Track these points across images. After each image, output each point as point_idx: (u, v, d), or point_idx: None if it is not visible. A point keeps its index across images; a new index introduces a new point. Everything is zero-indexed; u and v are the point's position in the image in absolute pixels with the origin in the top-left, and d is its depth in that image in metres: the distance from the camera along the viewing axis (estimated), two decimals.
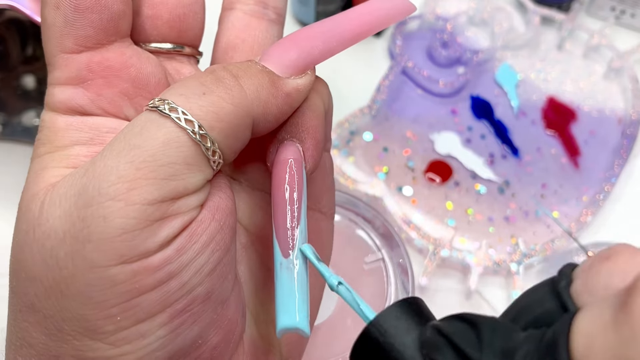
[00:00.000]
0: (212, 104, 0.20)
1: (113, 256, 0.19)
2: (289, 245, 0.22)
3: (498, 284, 0.46)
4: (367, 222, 0.35)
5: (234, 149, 0.22)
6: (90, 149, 0.22)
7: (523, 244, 0.47)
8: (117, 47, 0.23)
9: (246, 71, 0.22)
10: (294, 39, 0.24)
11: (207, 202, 0.21)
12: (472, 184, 0.49)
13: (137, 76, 0.23)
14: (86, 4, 0.22)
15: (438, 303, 0.46)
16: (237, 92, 0.21)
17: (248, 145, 0.23)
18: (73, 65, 0.22)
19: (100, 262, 0.19)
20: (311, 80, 0.25)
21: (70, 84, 0.23)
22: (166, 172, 0.20)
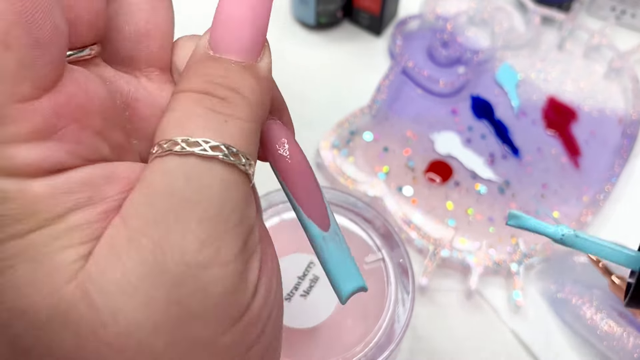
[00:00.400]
0: (234, 127, 0.19)
1: (223, 323, 0.18)
2: (327, 219, 0.22)
3: (498, 284, 0.46)
4: (367, 222, 0.35)
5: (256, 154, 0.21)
6: (96, 211, 0.18)
7: (523, 244, 0.47)
8: (68, 77, 0.18)
9: (239, 80, 0.20)
10: (233, 19, 0.21)
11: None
12: (472, 184, 0.49)
13: (101, 105, 0.19)
14: (47, 36, 0.17)
15: (438, 303, 0.46)
16: (246, 107, 0.20)
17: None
18: (36, 115, 0.17)
19: (211, 337, 0.18)
20: (270, 52, 0.22)
21: (37, 139, 0.17)
22: (236, 217, 0.18)
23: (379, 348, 0.31)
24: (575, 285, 0.44)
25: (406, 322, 0.31)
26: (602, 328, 0.42)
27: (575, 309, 0.43)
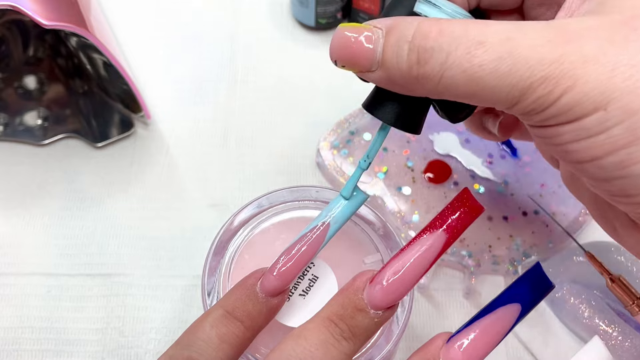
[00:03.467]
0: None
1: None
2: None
3: (497, 283, 0.47)
4: (366, 222, 0.36)
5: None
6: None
7: (522, 243, 0.47)
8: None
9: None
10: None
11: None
12: (471, 184, 0.50)
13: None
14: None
15: (437, 302, 0.46)
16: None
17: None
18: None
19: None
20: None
21: None
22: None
23: (377, 348, 0.31)
24: (574, 285, 0.44)
25: (404, 322, 0.32)
26: (599, 327, 0.42)
27: (573, 308, 0.43)
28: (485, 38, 0.22)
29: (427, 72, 0.23)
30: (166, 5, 0.62)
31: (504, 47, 0.22)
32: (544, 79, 0.21)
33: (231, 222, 0.35)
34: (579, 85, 0.21)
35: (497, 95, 0.23)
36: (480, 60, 0.22)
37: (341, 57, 0.25)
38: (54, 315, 0.45)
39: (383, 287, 0.26)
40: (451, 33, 0.23)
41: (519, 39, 0.22)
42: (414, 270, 0.27)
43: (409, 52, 0.23)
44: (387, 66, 0.24)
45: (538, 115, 0.23)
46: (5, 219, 0.50)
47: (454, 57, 0.22)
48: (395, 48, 0.24)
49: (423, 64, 0.23)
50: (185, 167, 0.52)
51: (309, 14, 0.58)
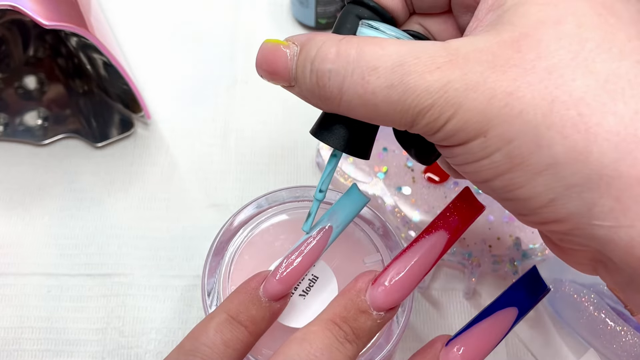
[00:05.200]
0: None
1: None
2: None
3: (497, 283, 0.47)
4: (366, 222, 0.36)
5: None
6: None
7: (522, 243, 0.47)
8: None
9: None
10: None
11: None
12: (471, 184, 0.49)
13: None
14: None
15: (437, 302, 0.46)
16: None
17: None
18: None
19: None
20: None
21: None
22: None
23: (377, 348, 0.31)
24: (573, 284, 0.44)
25: (404, 323, 0.32)
26: (600, 327, 0.42)
27: (573, 308, 0.43)
28: (378, 63, 0.23)
29: (327, 94, 0.24)
30: (166, 5, 0.62)
31: (396, 74, 0.22)
32: (431, 107, 0.22)
33: (231, 222, 0.35)
34: (460, 112, 0.22)
35: (392, 120, 0.24)
36: (373, 87, 0.23)
37: (263, 70, 0.26)
38: (54, 315, 0.45)
39: (386, 288, 0.26)
40: (347, 56, 0.23)
41: (410, 65, 0.22)
42: (416, 270, 0.27)
43: (310, 72, 0.24)
44: (298, 84, 0.25)
45: (431, 137, 0.24)
46: (5, 219, 0.50)
47: (350, 81, 0.23)
48: (302, 68, 0.25)
49: (322, 86, 0.24)
50: (185, 167, 0.52)
51: (309, 14, 0.58)
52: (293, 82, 0.25)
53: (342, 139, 0.27)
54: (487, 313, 0.28)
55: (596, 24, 0.22)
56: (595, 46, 0.21)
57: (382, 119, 0.24)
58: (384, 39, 0.24)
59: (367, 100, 0.23)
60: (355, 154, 0.27)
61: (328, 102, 0.24)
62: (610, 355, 0.42)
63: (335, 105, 0.24)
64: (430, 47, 0.23)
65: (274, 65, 0.26)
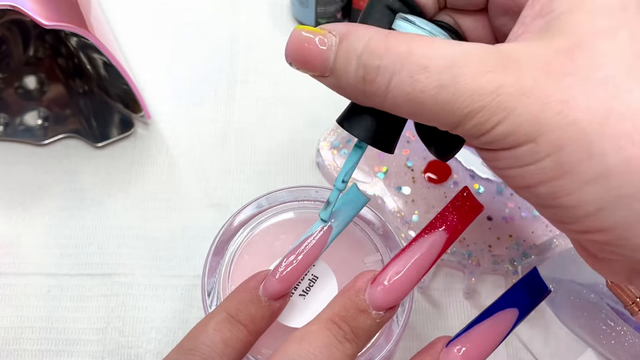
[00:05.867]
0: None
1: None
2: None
3: (497, 283, 0.47)
4: (366, 222, 0.36)
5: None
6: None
7: (521, 243, 0.47)
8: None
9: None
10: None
11: None
12: (470, 184, 0.50)
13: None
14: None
15: (437, 302, 0.46)
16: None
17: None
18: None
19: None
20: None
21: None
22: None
23: (377, 348, 0.31)
24: (573, 285, 0.44)
25: (404, 322, 0.32)
26: (599, 327, 0.42)
27: (573, 308, 0.43)
28: (429, 62, 0.23)
29: (372, 90, 0.24)
30: (166, 5, 0.62)
31: (447, 75, 0.22)
32: (481, 109, 0.22)
33: (231, 222, 0.35)
34: (511, 117, 0.22)
35: (438, 119, 0.23)
36: (423, 86, 0.23)
37: (296, 60, 0.26)
38: (54, 315, 0.45)
39: (385, 287, 0.27)
40: (397, 53, 0.23)
41: (461, 66, 0.22)
42: (415, 270, 0.27)
43: (357, 67, 0.24)
44: (337, 76, 0.25)
45: (476, 140, 0.24)
46: (6, 218, 0.50)
47: (398, 79, 0.23)
48: (345, 60, 0.24)
49: (369, 81, 0.24)
50: (185, 167, 0.52)
51: (309, 14, 0.58)
52: (328, 73, 0.25)
53: (369, 130, 0.26)
54: (488, 314, 0.28)
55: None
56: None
57: (427, 117, 0.24)
58: (432, 38, 0.24)
59: (415, 98, 0.23)
60: (381, 147, 0.27)
61: (372, 98, 0.24)
62: (610, 355, 0.42)
63: (379, 101, 0.24)
64: (480, 49, 0.23)
65: (309, 54, 0.25)
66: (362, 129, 0.26)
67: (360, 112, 0.26)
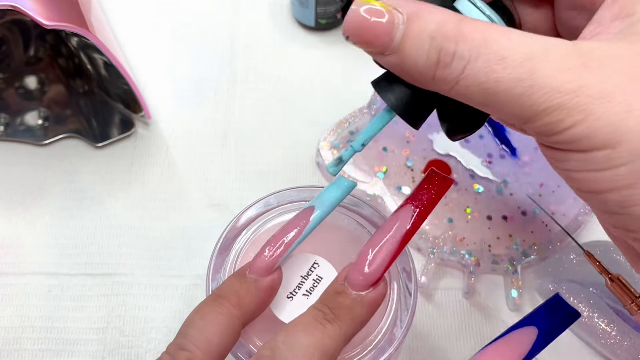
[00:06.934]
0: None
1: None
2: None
3: (496, 282, 0.47)
4: (367, 221, 0.36)
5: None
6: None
7: (521, 242, 0.47)
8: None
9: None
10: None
11: None
12: (470, 184, 0.50)
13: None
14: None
15: (437, 302, 0.46)
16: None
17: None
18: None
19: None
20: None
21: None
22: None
23: (379, 350, 0.31)
24: (572, 284, 0.44)
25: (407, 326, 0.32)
26: (598, 327, 0.42)
27: None
28: (507, 53, 0.22)
29: (444, 75, 0.23)
30: (166, 5, 0.62)
31: (525, 68, 0.22)
32: (558, 107, 0.22)
33: (237, 219, 0.35)
34: (590, 120, 0.21)
35: (509, 112, 0.23)
36: (498, 76, 0.22)
37: (355, 35, 0.24)
38: (54, 314, 0.45)
39: (357, 265, 0.28)
40: (473, 40, 0.22)
41: (540, 61, 0.22)
42: (386, 245, 0.28)
43: (430, 50, 0.23)
44: (404, 56, 0.24)
45: (547, 138, 0.23)
46: (6, 218, 0.50)
47: (473, 67, 0.22)
48: (417, 41, 0.23)
49: (442, 66, 0.23)
50: (185, 167, 0.52)
51: (309, 14, 0.58)
52: (390, 51, 0.24)
53: (402, 101, 0.26)
54: (505, 333, 0.29)
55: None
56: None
57: (497, 109, 0.23)
58: (509, 29, 0.23)
59: (488, 89, 0.22)
60: (409, 120, 0.26)
61: (440, 83, 0.23)
62: (610, 355, 0.42)
63: (448, 86, 0.23)
64: (560, 45, 0.22)
65: (372, 29, 0.23)
66: (395, 98, 0.26)
67: (398, 80, 0.26)
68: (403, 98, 0.26)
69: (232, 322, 0.27)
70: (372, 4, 0.24)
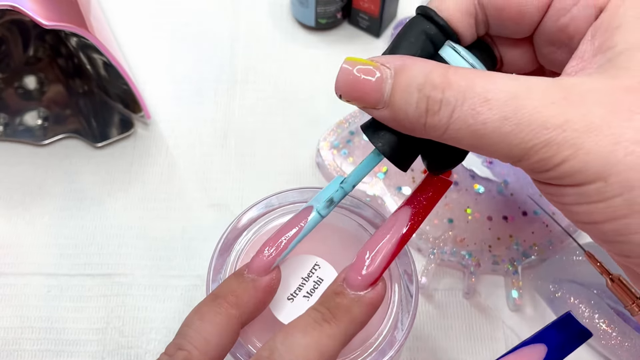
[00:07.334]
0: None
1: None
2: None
3: (497, 283, 0.47)
4: (367, 222, 0.36)
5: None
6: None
7: (522, 243, 0.47)
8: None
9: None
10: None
11: None
12: (471, 184, 0.50)
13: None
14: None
15: (437, 302, 0.46)
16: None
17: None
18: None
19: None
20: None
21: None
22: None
23: (380, 352, 0.31)
24: (573, 285, 0.44)
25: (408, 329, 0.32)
26: (599, 327, 0.42)
27: (573, 308, 0.43)
28: (490, 95, 0.23)
29: (434, 122, 0.24)
30: (166, 5, 0.62)
31: (509, 107, 0.22)
32: (546, 143, 0.22)
33: (238, 220, 0.35)
34: (580, 154, 0.22)
35: (500, 152, 0.23)
36: (485, 117, 0.23)
37: (347, 93, 0.25)
38: (54, 315, 0.45)
39: (355, 265, 0.28)
40: (458, 86, 0.23)
41: (523, 99, 0.22)
42: (384, 246, 0.28)
43: (419, 100, 0.24)
44: (394, 108, 0.25)
45: (541, 175, 0.23)
46: (6, 218, 0.50)
47: (460, 111, 0.23)
48: (405, 94, 0.24)
49: (432, 114, 0.24)
50: (185, 167, 0.52)
51: (309, 14, 0.58)
52: (382, 106, 0.25)
53: (391, 146, 0.27)
54: (515, 349, 0.29)
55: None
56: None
57: (488, 150, 0.24)
58: (492, 72, 0.24)
59: (476, 131, 0.23)
60: (398, 164, 0.27)
61: (431, 130, 0.24)
62: (610, 355, 0.42)
63: (439, 133, 0.24)
64: (541, 82, 0.23)
65: (362, 87, 0.25)
66: (385, 143, 0.27)
67: (385, 127, 0.26)
68: (392, 143, 0.27)
69: (231, 322, 0.27)
70: (362, 63, 0.25)
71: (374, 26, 0.59)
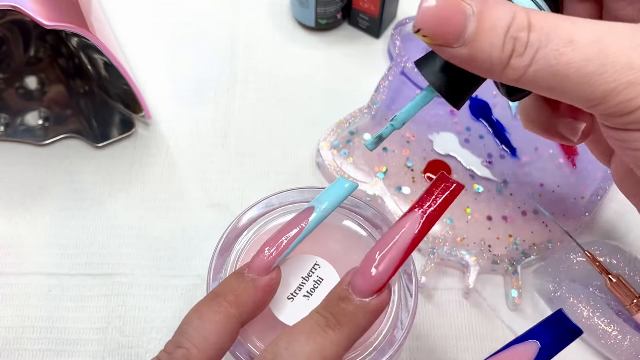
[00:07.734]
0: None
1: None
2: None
3: (496, 282, 0.47)
4: (374, 226, 0.36)
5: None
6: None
7: (521, 243, 0.47)
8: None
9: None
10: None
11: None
12: (470, 184, 0.50)
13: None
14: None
15: (437, 301, 0.46)
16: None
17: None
18: None
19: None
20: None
21: None
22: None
23: (380, 352, 0.31)
24: (572, 284, 0.44)
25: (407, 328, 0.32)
26: (598, 327, 0.42)
27: (572, 307, 0.43)
28: (575, 37, 0.22)
29: (516, 64, 0.23)
30: (166, 5, 0.62)
31: (593, 48, 0.22)
32: (629, 84, 0.22)
33: (239, 220, 0.35)
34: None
35: (579, 94, 0.23)
36: (569, 58, 0.22)
37: (428, 26, 0.23)
38: (54, 314, 0.45)
39: (362, 271, 0.27)
40: (541, 28, 0.23)
41: (608, 41, 0.22)
42: (391, 252, 0.28)
43: (505, 41, 0.23)
44: (475, 48, 0.24)
45: (618, 119, 0.23)
46: (6, 218, 0.50)
47: (543, 52, 0.23)
48: (491, 33, 0.23)
49: (516, 55, 0.23)
50: (185, 167, 0.52)
51: (309, 14, 0.58)
52: (460, 43, 0.24)
53: (444, 80, 0.26)
54: (507, 347, 0.29)
55: None
56: None
57: (568, 93, 0.23)
58: (575, 17, 0.24)
59: (558, 72, 0.23)
60: (451, 99, 0.26)
61: (510, 72, 0.24)
62: (610, 355, 0.42)
63: (517, 75, 0.24)
64: (625, 26, 0.23)
65: (449, 22, 0.23)
66: (438, 77, 0.26)
67: (440, 62, 0.26)
68: (445, 78, 0.26)
69: (230, 321, 0.27)
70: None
71: (373, 26, 0.59)
